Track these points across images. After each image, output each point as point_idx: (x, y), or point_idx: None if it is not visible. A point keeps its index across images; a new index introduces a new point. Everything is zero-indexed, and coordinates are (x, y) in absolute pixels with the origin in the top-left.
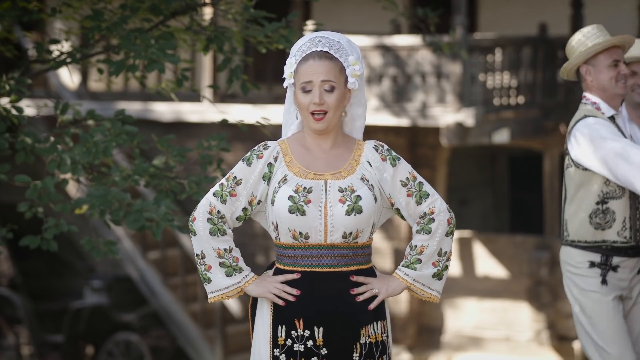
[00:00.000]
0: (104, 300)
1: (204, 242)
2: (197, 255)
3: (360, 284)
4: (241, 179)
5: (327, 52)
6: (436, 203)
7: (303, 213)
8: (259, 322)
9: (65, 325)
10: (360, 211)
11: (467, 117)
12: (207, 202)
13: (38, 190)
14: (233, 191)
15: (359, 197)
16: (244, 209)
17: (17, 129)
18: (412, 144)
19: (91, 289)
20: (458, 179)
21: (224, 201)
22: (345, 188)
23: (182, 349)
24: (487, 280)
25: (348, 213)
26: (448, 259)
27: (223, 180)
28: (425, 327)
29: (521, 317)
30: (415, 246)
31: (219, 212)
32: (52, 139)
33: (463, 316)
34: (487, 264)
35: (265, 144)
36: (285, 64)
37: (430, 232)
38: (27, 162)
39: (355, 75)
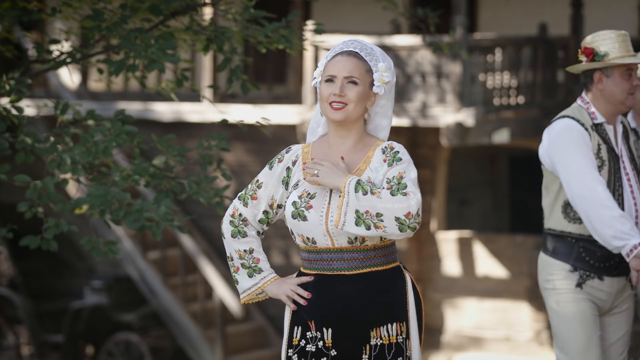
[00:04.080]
0: (104, 300)
1: (229, 244)
2: (228, 257)
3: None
4: (262, 182)
5: (356, 52)
6: (411, 194)
7: (304, 218)
8: (284, 323)
9: (65, 325)
10: None
11: (467, 117)
12: (232, 205)
13: (38, 190)
14: (254, 194)
15: None
16: (265, 212)
17: (17, 129)
18: (412, 144)
19: (91, 289)
20: (458, 179)
21: (245, 204)
22: None
23: (182, 349)
24: (487, 280)
25: None
26: (376, 222)
27: (249, 184)
28: (425, 327)
29: (521, 317)
30: (376, 184)
31: (240, 214)
32: (52, 139)
33: (463, 316)
34: (487, 264)
35: (289, 148)
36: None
37: (394, 195)
38: (27, 162)
39: (383, 81)
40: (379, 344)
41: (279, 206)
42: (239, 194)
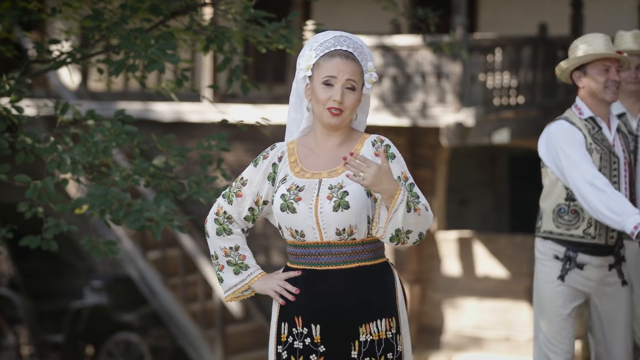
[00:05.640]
0: (104, 300)
1: (214, 242)
2: (212, 256)
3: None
4: (247, 180)
5: (352, 53)
6: (428, 207)
7: (293, 210)
8: (272, 319)
9: (65, 325)
10: (347, 206)
11: (467, 117)
12: (217, 203)
13: (38, 190)
14: (239, 192)
15: (345, 193)
16: (251, 209)
17: (17, 129)
18: (412, 144)
19: (91, 289)
20: (458, 179)
21: (230, 202)
22: (335, 185)
23: (182, 349)
24: (487, 280)
25: (335, 209)
26: (403, 239)
27: (233, 182)
28: (425, 327)
29: (521, 317)
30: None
31: (225, 212)
32: (52, 139)
33: (463, 316)
34: (487, 264)
35: (274, 145)
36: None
37: (424, 212)
38: (27, 162)
39: (372, 81)
40: (368, 339)
41: (265, 202)
42: (223, 192)
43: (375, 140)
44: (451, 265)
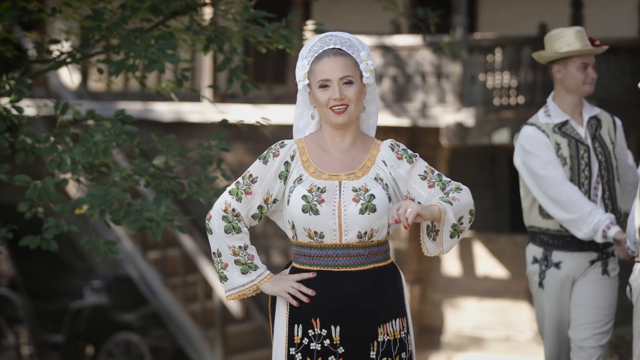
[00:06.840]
0: (104, 300)
1: (220, 240)
2: (214, 253)
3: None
4: (257, 177)
5: (340, 49)
6: (461, 185)
7: (316, 212)
8: (277, 321)
9: (65, 325)
10: (374, 210)
11: (467, 117)
12: (223, 200)
13: (38, 190)
14: (249, 189)
15: (372, 196)
16: (260, 207)
17: (17, 129)
18: (412, 144)
19: (91, 289)
20: (458, 179)
21: (239, 199)
22: (359, 188)
23: (182, 349)
24: (487, 280)
25: (362, 212)
26: (461, 232)
27: (239, 179)
28: (425, 327)
29: (521, 317)
30: (447, 195)
31: (234, 210)
32: (52, 139)
33: (463, 316)
34: (487, 264)
35: (282, 142)
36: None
37: (460, 193)
38: (27, 162)
39: (369, 70)
40: (385, 340)
41: (275, 201)
42: (229, 188)
43: (392, 144)
44: (451, 265)
